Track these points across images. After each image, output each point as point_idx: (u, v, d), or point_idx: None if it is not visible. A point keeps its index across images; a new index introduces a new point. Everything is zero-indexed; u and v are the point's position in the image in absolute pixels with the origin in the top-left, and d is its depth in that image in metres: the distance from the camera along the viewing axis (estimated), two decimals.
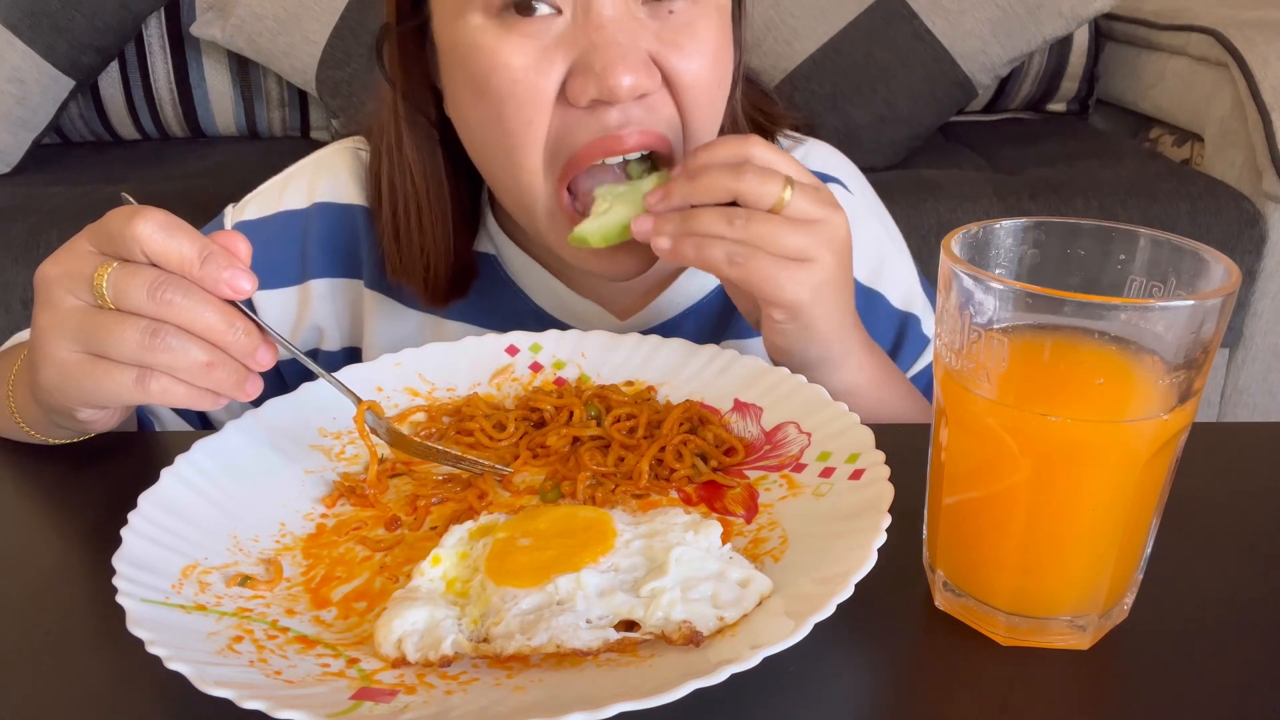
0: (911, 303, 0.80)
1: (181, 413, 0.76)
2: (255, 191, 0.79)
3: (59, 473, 0.61)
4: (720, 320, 0.78)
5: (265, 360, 0.50)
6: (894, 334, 0.78)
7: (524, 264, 0.77)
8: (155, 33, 2.03)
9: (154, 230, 0.48)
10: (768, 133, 0.79)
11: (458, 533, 0.47)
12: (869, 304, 0.77)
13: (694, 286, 0.77)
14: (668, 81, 0.62)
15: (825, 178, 0.80)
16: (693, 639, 0.41)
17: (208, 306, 0.48)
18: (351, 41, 1.88)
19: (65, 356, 0.50)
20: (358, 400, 0.55)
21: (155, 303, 0.48)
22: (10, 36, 1.81)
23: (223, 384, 0.50)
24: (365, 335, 0.78)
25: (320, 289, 0.77)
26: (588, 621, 0.42)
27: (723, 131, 0.71)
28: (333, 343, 0.79)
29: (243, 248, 0.50)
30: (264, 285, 0.75)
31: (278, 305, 0.77)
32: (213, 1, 1.97)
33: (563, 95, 0.61)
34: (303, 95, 2.09)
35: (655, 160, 0.65)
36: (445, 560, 0.46)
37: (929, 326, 0.80)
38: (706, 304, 0.77)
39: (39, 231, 1.60)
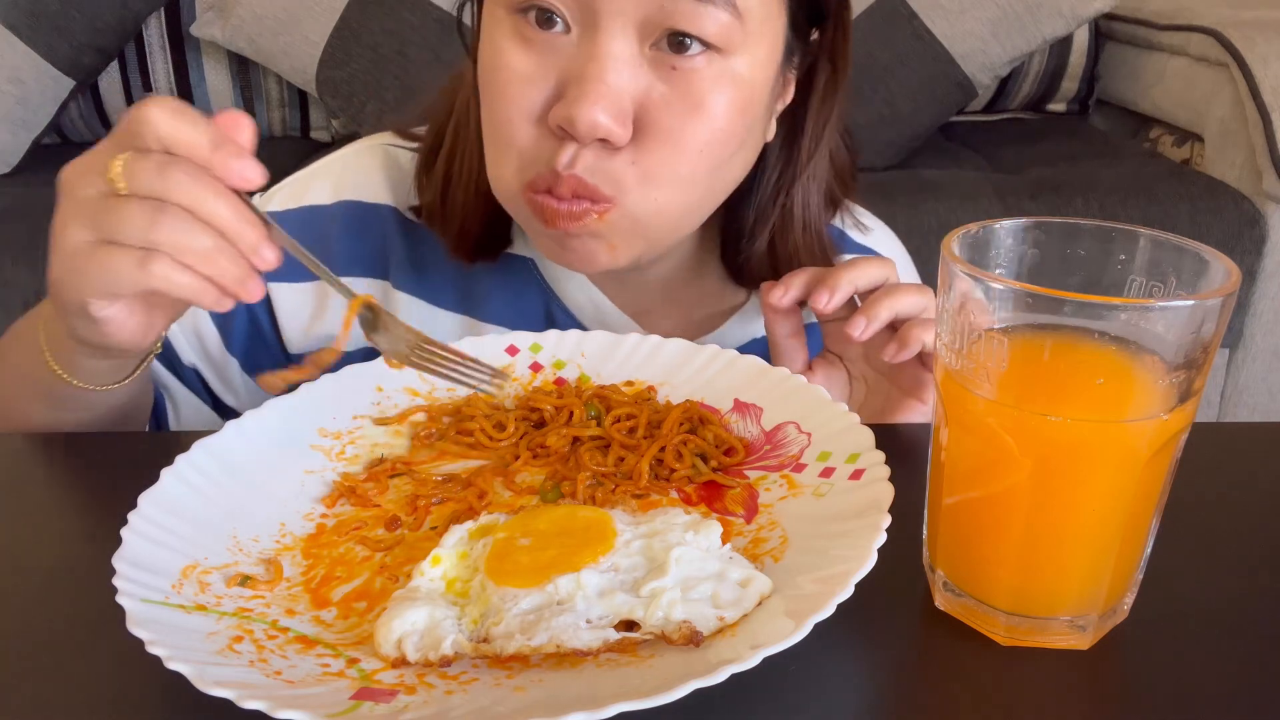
0: None
1: (187, 397, 0.77)
2: (284, 182, 0.79)
3: (59, 473, 0.61)
4: None
5: (269, 257, 0.50)
6: None
7: (563, 270, 0.76)
8: (155, 33, 2.03)
9: (164, 114, 0.48)
10: (835, 202, 0.78)
11: (458, 533, 0.47)
12: None
13: (736, 336, 0.78)
14: (642, 136, 0.60)
15: None
16: (693, 639, 0.41)
17: (215, 192, 0.48)
18: (351, 41, 1.88)
19: (75, 243, 0.50)
20: (351, 294, 0.55)
21: (163, 180, 0.48)
22: (10, 36, 1.81)
23: (225, 274, 0.49)
24: None
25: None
26: (588, 621, 0.42)
27: (771, 212, 0.72)
28: (349, 343, 0.78)
29: (246, 132, 0.50)
30: (283, 278, 0.75)
31: (295, 300, 0.76)
32: (213, 1, 1.97)
33: (545, 115, 0.61)
34: (303, 95, 2.09)
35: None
36: (445, 560, 0.46)
37: None
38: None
39: (39, 232, 1.59)
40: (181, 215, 0.48)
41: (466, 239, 0.73)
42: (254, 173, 0.49)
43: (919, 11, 1.82)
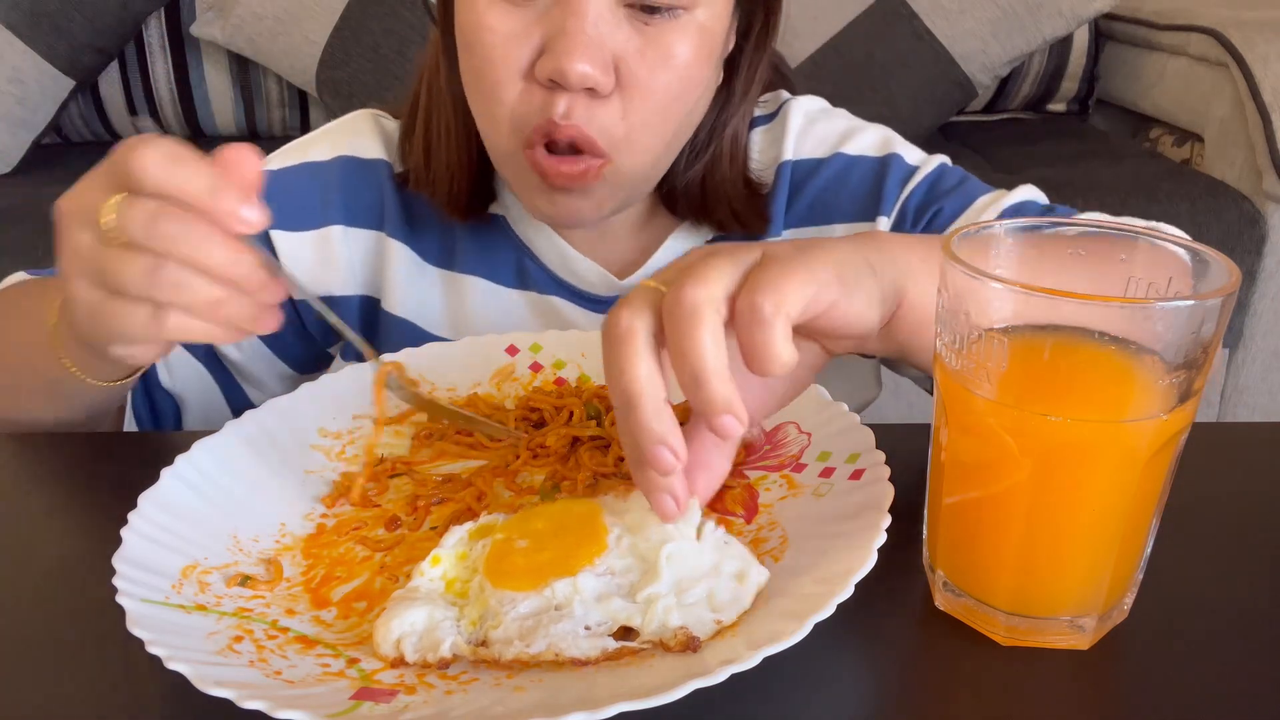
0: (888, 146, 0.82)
1: (155, 408, 0.78)
2: (279, 150, 0.83)
3: (59, 473, 0.61)
4: None
5: (276, 296, 0.49)
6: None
7: (530, 222, 0.79)
8: (155, 33, 2.03)
9: (158, 160, 0.45)
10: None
11: (457, 533, 0.47)
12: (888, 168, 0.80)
13: (687, 245, 0.80)
14: (624, 87, 0.65)
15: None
16: (690, 645, 0.40)
17: (211, 241, 0.46)
18: (351, 41, 1.88)
19: (86, 295, 0.49)
20: (377, 358, 0.54)
21: (155, 233, 0.46)
22: (10, 36, 1.81)
23: (235, 317, 0.48)
24: (385, 285, 0.80)
25: (338, 234, 0.80)
26: (586, 628, 0.41)
27: (707, 147, 0.75)
28: (348, 288, 0.81)
29: (251, 166, 0.47)
30: (285, 227, 0.79)
31: (297, 248, 0.79)
32: (213, 1, 1.97)
33: (532, 71, 0.65)
34: (303, 95, 2.09)
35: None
36: (445, 561, 0.46)
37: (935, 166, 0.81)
38: None
39: (39, 232, 1.60)
40: (180, 269, 0.46)
41: (459, 198, 0.76)
42: (254, 216, 0.46)
43: (919, 11, 1.82)
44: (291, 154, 0.82)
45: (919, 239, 0.53)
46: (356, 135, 0.82)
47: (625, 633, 0.42)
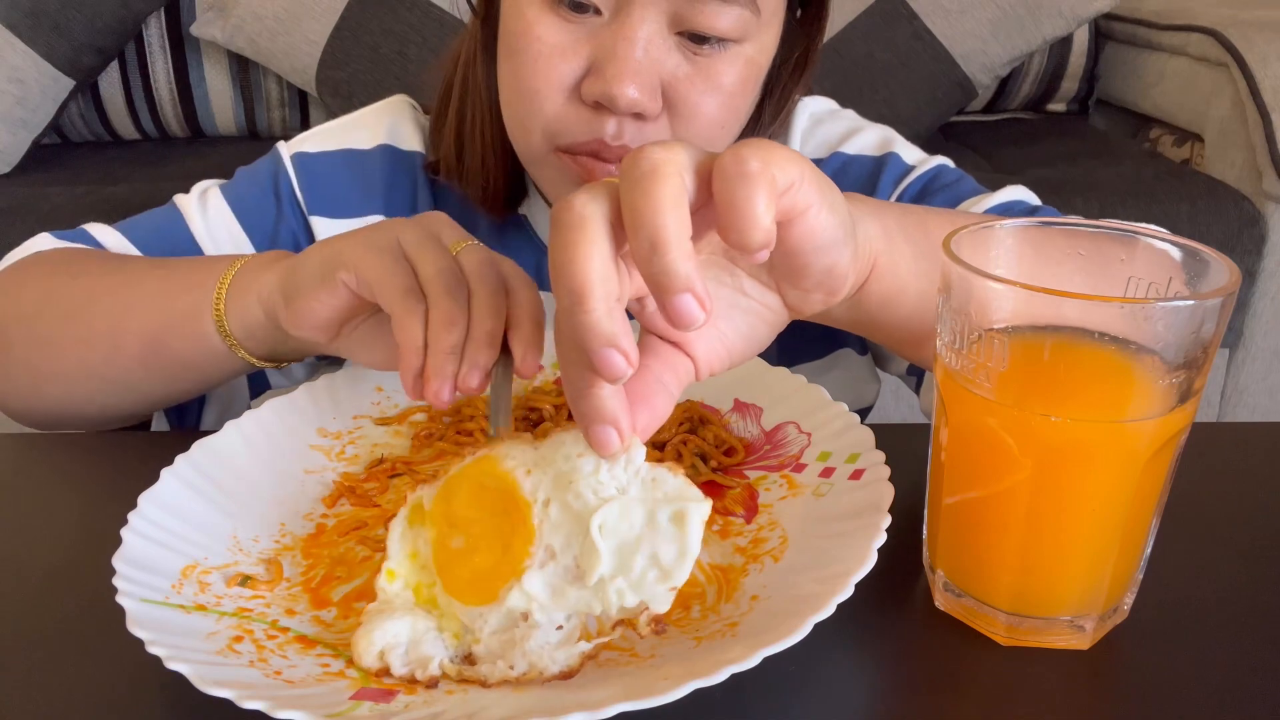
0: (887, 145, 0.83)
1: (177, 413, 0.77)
2: (310, 131, 0.83)
3: (58, 473, 0.61)
4: None
5: (473, 384, 0.50)
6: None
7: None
8: (155, 33, 2.03)
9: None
10: None
11: (395, 530, 0.44)
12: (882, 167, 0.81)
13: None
14: (672, 111, 0.65)
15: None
16: (657, 627, 0.39)
17: (498, 316, 0.50)
18: (351, 41, 1.88)
19: (388, 240, 0.53)
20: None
21: (483, 271, 0.51)
22: (10, 36, 1.81)
23: (436, 358, 0.49)
24: None
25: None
26: (559, 628, 0.40)
27: None
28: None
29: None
30: (325, 213, 0.79)
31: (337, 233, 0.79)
32: (213, 1, 1.97)
33: (577, 88, 0.64)
34: (303, 95, 2.09)
35: None
36: (400, 571, 0.43)
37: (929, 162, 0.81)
38: None
39: (39, 232, 1.60)
40: (463, 298, 0.50)
41: (496, 195, 0.76)
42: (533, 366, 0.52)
43: (919, 11, 1.82)
44: (329, 138, 0.82)
45: (895, 206, 0.54)
46: (397, 124, 0.82)
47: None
